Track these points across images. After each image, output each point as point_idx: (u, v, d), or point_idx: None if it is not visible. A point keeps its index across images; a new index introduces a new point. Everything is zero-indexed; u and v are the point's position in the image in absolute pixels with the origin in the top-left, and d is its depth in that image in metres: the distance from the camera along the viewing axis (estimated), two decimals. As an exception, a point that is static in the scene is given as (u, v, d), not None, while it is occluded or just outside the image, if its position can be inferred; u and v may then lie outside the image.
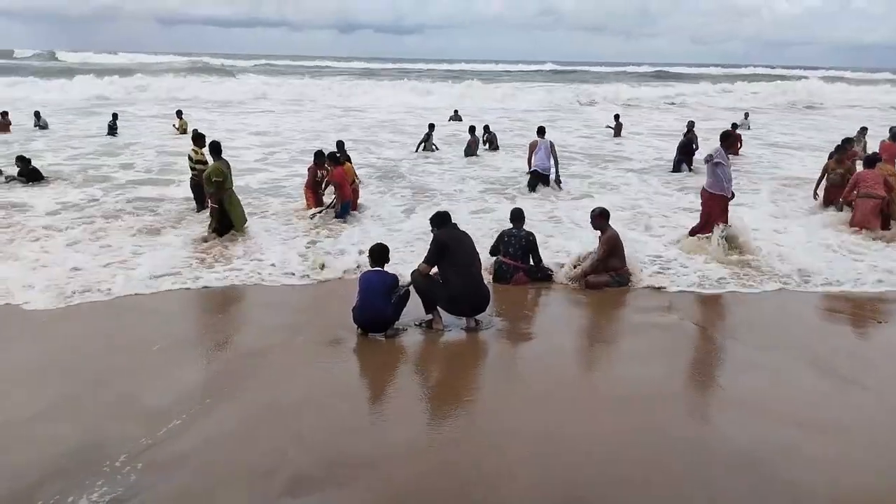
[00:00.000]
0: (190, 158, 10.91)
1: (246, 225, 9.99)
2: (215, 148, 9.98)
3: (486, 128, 20.04)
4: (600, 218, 8.20)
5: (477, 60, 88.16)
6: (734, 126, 18.91)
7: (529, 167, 14.01)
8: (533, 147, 13.88)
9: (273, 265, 8.52)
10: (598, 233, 8.24)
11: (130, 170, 15.19)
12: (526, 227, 8.44)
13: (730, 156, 9.43)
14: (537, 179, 13.70)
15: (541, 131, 14.28)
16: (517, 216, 8.44)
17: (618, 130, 23.70)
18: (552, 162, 13.65)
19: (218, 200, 9.61)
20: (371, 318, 6.38)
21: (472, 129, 18.86)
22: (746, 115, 26.68)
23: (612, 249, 8.04)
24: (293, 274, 8.29)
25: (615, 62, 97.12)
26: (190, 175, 11.05)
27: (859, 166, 11.21)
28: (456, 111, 28.07)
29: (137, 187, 13.25)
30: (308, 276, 8.25)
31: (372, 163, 16.58)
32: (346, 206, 11.04)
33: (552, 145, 13.81)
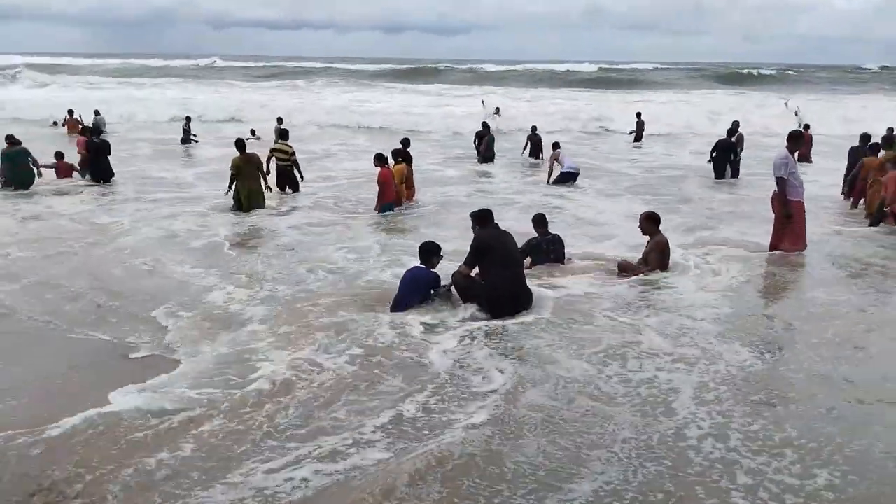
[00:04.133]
0: (284, 151, 13.20)
1: (254, 210, 11.68)
2: (239, 144, 12.10)
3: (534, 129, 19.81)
4: (647, 221, 7.68)
5: (520, 61, 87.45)
6: (806, 126, 18.11)
7: (549, 179, 14.84)
8: (554, 158, 15.06)
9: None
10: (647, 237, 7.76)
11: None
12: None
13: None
14: (569, 179, 14.63)
15: (556, 145, 15.63)
16: (541, 221, 8.19)
17: (639, 133, 23.18)
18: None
19: (239, 185, 11.74)
20: (402, 311, 6.38)
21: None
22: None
23: (664, 257, 7.60)
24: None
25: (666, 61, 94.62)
26: (277, 164, 13.24)
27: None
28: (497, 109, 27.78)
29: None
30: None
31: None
32: (388, 206, 11.42)
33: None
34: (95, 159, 14.52)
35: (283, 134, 13.90)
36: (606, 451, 4.08)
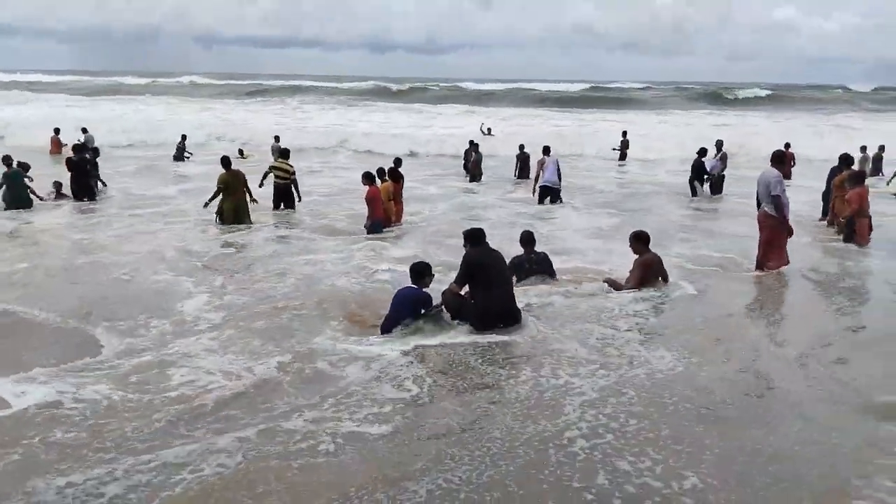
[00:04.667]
0: (285, 170, 13.24)
1: (243, 224, 11.87)
2: (225, 161, 12.34)
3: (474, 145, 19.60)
4: (636, 241, 7.72)
5: (508, 80, 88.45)
6: (787, 146, 18.48)
7: (536, 183, 14.74)
8: (541, 164, 14.74)
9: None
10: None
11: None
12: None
13: None
14: (547, 193, 14.57)
15: (546, 150, 15.19)
16: (528, 239, 8.11)
17: (623, 153, 23.52)
18: (559, 177, 14.65)
19: (223, 201, 11.93)
20: (388, 331, 6.37)
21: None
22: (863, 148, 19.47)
23: (644, 275, 7.58)
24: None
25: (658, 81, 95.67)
26: (275, 182, 13.31)
27: None
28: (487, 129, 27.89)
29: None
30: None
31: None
32: (377, 225, 11.35)
33: (557, 163, 14.83)
34: (76, 177, 14.37)
35: (283, 153, 13.91)
36: (465, 449, 4.12)
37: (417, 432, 4.46)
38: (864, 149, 19.34)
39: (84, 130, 23.09)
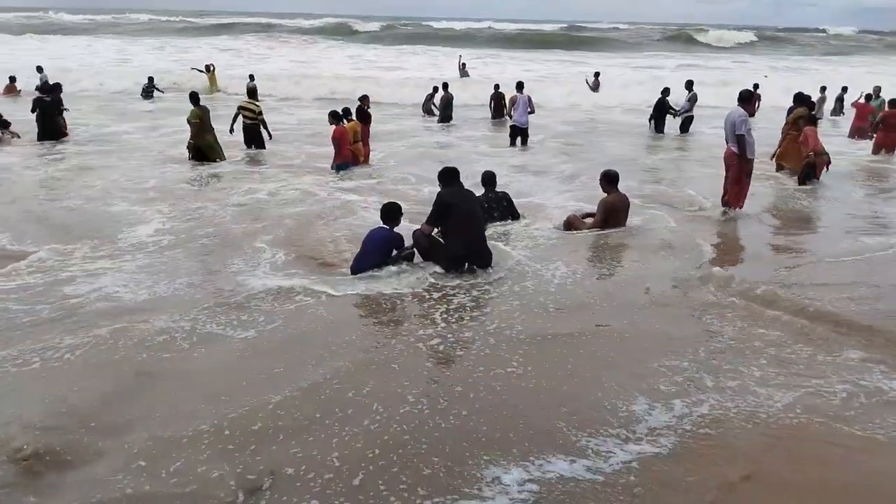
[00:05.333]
0: (251, 110, 13.06)
1: (219, 159, 12.07)
2: (194, 97, 12.27)
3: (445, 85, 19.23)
4: (602, 180, 7.77)
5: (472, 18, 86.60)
6: (755, 86, 18.61)
7: (511, 119, 14.73)
8: (513, 102, 14.66)
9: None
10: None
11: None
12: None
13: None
14: (516, 133, 14.46)
15: (519, 86, 15.11)
16: (489, 179, 8.06)
17: (596, 87, 24.03)
18: (527, 117, 14.46)
19: (195, 136, 11.93)
20: (357, 270, 6.31)
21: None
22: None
23: (607, 215, 7.64)
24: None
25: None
26: (243, 122, 13.12)
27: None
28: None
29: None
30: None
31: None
32: (344, 166, 11.31)
33: (530, 100, 14.61)
34: (41, 118, 13.90)
35: (251, 92, 13.85)
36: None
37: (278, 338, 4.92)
38: (823, 89, 19.60)
39: (39, 69, 22.22)
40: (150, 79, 23.15)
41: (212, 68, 24.17)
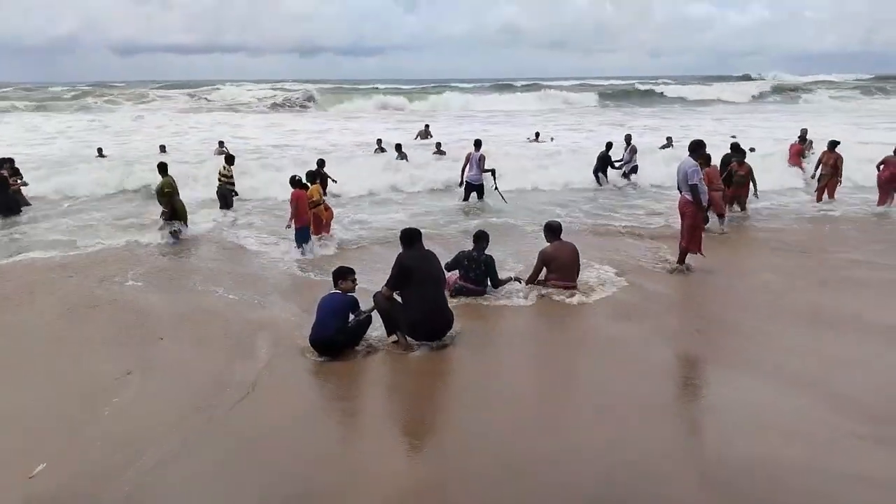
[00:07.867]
0: (227, 176, 14.39)
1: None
2: (162, 167, 12.54)
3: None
4: (545, 231, 8.39)
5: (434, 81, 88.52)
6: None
7: (462, 177, 14.82)
8: (468, 159, 14.70)
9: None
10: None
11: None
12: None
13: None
14: (471, 190, 14.72)
15: (477, 144, 15.12)
16: (480, 237, 8.16)
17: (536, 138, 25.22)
18: (482, 174, 14.52)
19: (169, 203, 12.32)
20: (318, 339, 6.26)
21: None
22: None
23: (542, 263, 8.16)
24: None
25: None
26: (219, 184, 14.41)
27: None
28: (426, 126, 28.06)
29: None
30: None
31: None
32: (303, 233, 10.80)
33: (482, 158, 14.64)
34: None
35: (228, 159, 14.81)
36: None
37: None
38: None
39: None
40: (99, 150, 21.68)
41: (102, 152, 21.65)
